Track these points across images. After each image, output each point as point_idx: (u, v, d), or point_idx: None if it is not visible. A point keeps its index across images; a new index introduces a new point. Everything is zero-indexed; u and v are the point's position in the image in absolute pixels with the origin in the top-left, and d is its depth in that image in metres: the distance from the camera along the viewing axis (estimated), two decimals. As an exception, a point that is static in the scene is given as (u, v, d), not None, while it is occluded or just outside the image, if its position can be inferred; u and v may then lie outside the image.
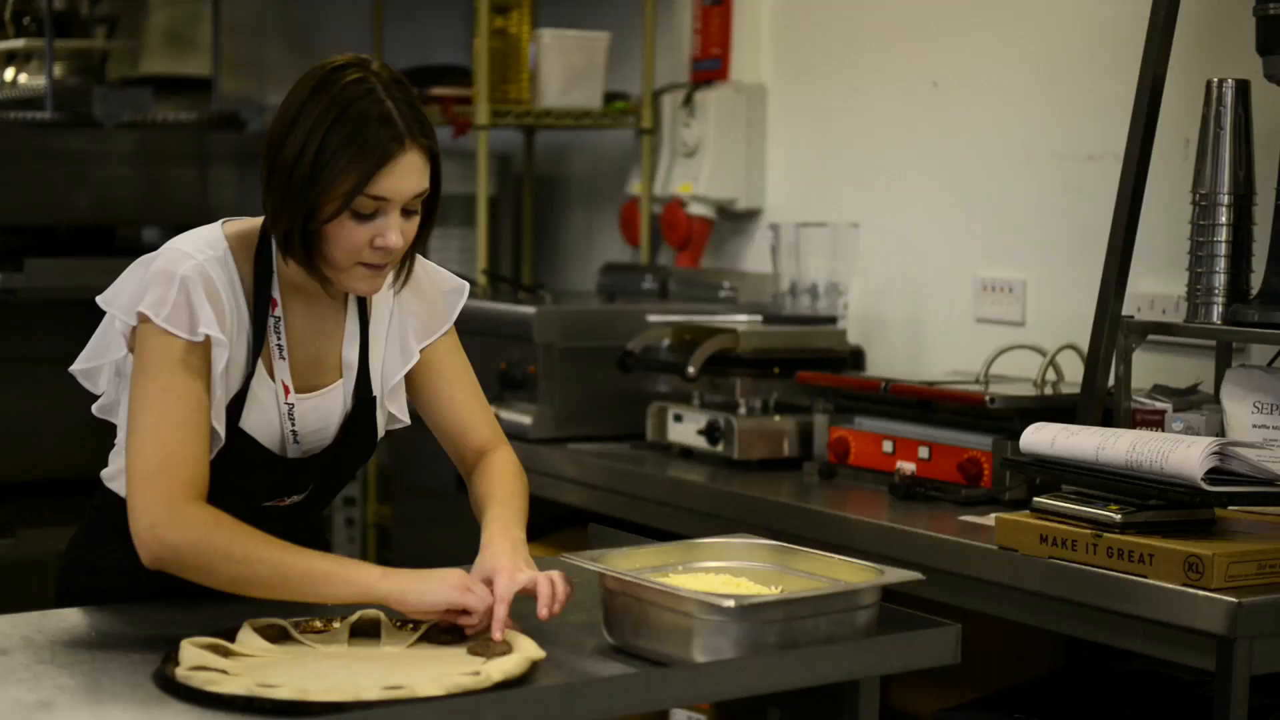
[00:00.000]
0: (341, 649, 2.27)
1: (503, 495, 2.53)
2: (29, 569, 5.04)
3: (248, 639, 2.24)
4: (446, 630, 2.31)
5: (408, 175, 2.34)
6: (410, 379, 2.62)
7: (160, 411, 2.32)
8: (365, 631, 2.32)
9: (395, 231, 2.35)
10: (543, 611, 2.30)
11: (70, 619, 2.42)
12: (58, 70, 7.69)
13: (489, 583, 2.33)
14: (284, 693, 2.00)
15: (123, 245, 5.78)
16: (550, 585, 2.32)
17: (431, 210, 2.44)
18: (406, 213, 2.38)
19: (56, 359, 2.52)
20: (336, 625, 2.31)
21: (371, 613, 2.32)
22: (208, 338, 2.35)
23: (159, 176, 5.42)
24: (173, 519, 2.27)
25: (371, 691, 2.01)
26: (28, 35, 7.95)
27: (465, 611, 2.28)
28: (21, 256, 4.95)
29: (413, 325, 2.59)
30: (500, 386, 4.23)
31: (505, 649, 2.21)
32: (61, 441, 5.25)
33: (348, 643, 2.29)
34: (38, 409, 5.25)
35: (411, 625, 2.33)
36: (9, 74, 8.11)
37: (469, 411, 2.65)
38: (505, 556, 2.37)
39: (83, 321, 2.47)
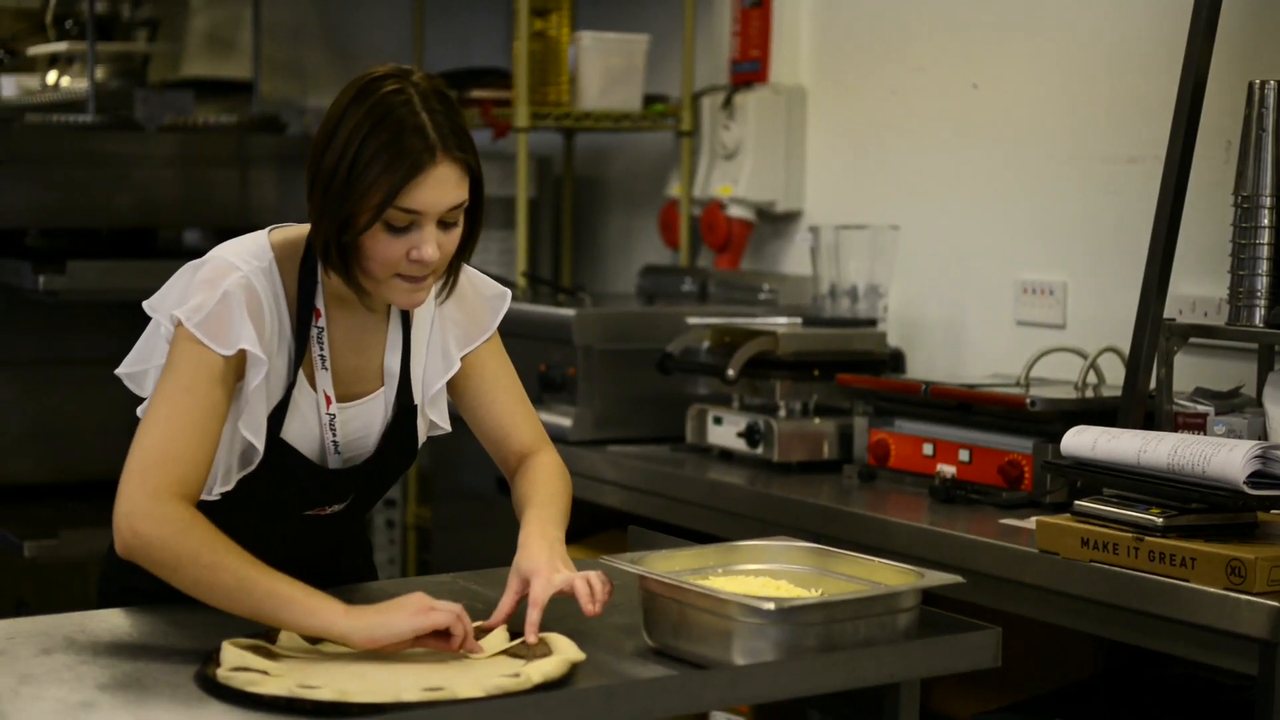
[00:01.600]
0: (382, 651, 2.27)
1: (542, 496, 2.53)
2: (71, 570, 5.08)
3: (289, 640, 2.25)
4: (487, 633, 2.30)
5: (439, 188, 2.32)
6: (454, 385, 2.62)
7: (171, 408, 2.32)
8: None
9: (431, 245, 2.33)
10: (588, 608, 2.30)
11: (112, 620, 2.43)
12: (99, 73, 7.74)
13: (526, 584, 2.33)
14: (325, 694, 2.01)
15: (164, 248, 5.80)
16: (587, 585, 2.31)
17: (475, 222, 2.42)
18: (445, 225, 2.36)
19: (98, 360, 2.53)
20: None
21: None
22: (240, 352, 2.35)
23: (200, 179, 5.44)
24: (150, 511, 2.26)
25: (411, 693, 2.01)
26: (70, 38, 8.01)
27: (445, 634, 2.22)
28: (64, 258, 4.98)
29: (454, 333, 2.58)
30: (540, 389, 4.24)
31: (545, 651, 2.21)
32: (103, 443, 5.27)
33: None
34: (80, 410, 5.28)
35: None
36: (51, 77, 8.16)
37: (512, 415, 2.64)
38: (542, 558, 2.37)
39: (124, 323, 2.48)
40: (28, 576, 5.21)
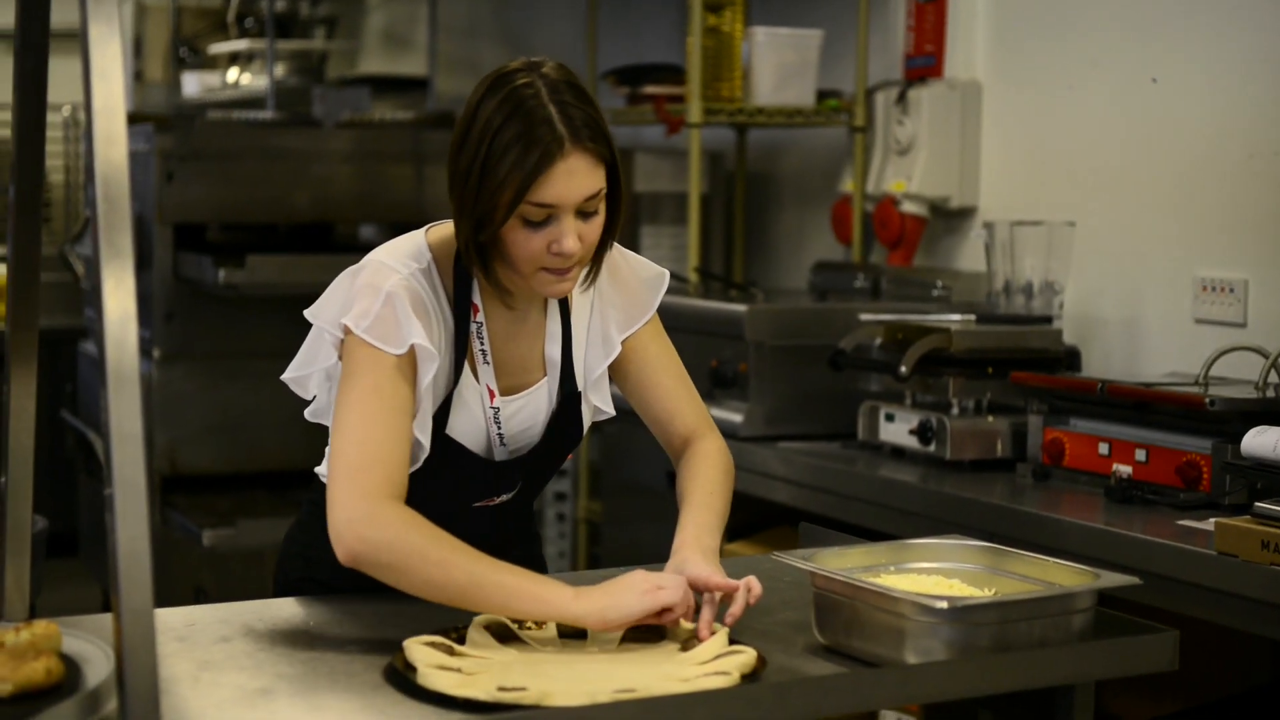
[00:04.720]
0: (558, 649, 2.26)
1: (701, 497, 2.52)
2: (249, 559, 5.16)
3: (478, 637, 2.25)
4: (646, 629, 2.30)
5: (571, 179, 2.31)
6: (618, 369, 2.62)
7: (364, 412, 2.33)
8: (570, 632, 2.31)
9: (571, 236, 2.33)
10: (727, 620, 2.29)
11: (288, 609, 2.46)
12: (279, 71, 7.88)
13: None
14: (528, 697, 1.99)
15: (341, 243, 5.90)
16: (747, 592, 2.31)
17: (615, 209, 2.41)
18: (585, 214, 2.35)
19: (276, 353, 2.57)
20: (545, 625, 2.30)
21: None
22: (411, 349, 2.36)
23: (376, 175, 5.52)
24: (372, 515, 2.26)
25: (605, 695, 1.99)
26: (250, 36, 8.16)
27: (664, 609, 2.25)
28: (244, 253, 5.07)
29: (614, 316, 2.58)
30: (711, 384, 4.24)
31: (721, 645, 2.20)
32: (282, 435, 5.36)
33: (559, 643, 2.29)
34: (258, 402, 5.37)
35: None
36: (232, 74, 8.32)
37: (675, 398, 2.63)
38: (703, 563, 2.36)
39: (302, 317, 2.51)
40: (206, 565, 5.31)
